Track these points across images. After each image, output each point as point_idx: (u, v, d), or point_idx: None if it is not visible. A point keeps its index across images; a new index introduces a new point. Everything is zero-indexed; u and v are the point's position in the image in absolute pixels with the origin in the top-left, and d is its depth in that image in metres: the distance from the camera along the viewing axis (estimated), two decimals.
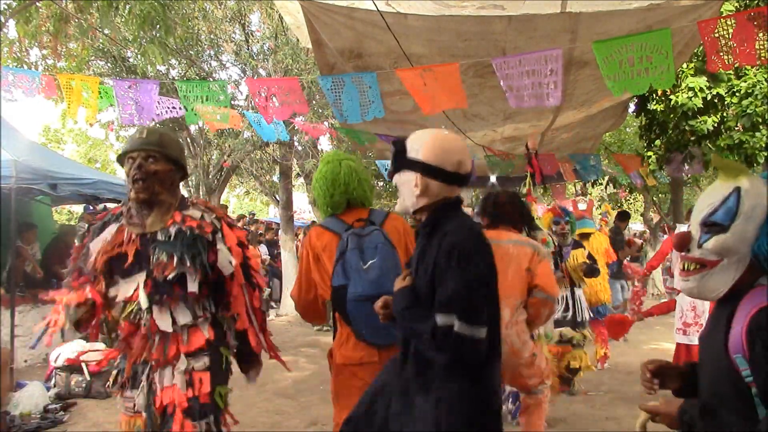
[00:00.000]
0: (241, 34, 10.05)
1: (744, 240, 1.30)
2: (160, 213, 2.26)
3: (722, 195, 1.34)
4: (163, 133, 2.33)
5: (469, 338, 1.61)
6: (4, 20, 6.04)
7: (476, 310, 1.65)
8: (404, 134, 1.93)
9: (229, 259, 2.26)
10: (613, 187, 13.45)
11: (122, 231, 2.24)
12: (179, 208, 2.29)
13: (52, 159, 7.01)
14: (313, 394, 5.31)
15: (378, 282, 2.26)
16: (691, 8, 3.78)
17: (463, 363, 1.67)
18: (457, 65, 3.74)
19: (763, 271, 1.31)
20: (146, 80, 5.26)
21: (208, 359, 2.23)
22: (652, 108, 9.17)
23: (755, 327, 1.21)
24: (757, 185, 1.32)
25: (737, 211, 1.30)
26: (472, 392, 1.69)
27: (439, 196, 1.80)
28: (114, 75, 8.73)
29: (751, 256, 1.30)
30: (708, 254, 1.34)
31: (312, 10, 3.92)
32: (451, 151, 1.80)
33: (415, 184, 1.79)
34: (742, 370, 1.23)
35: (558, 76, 3.48)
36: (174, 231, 2.22)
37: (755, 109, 8.23)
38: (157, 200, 2.25)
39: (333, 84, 3.96)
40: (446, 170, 1.78)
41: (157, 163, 2.24)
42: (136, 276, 2.20)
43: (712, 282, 1.34)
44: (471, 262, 1.66)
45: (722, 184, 1.37)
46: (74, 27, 6.82)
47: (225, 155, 10.19)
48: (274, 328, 9.54)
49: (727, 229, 1.31)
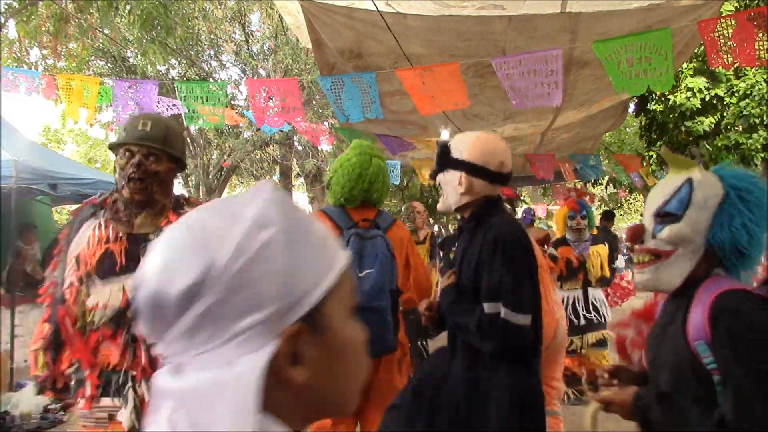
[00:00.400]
0: (241, 34, 10.06)
1: (697, 229, 1.31)
2: (151, 214, 2.05)
3: (675, 186, 1.35)
4: (169, 125, 2.07)
5: (515, 325, 1.69)
6: (4, 20, 6.04)
7: (521, 297, 1.72)
8: (404, 134, 1.97)
9: None
10: (613, 187, 13.46)
11: (107, 227, 2.01)
12: (174, 208, 2.09)
13: (52, 159, 7.00)
14: None
15: (370, 294, 2.20)
16: (691, 8, 3.78)
17: (511, 353, 1.73)
18: (457, 65, 3.74)
19: (716, 262, 1.32)
20: (146, 80, 5.26)
21: None
22: (652, 108, 9.18)
23: (718, 310, 1.21)
24: (708, 177, 1.34)
25: (690, 200, 1.32)
26: (521, 384, 1.72)
27: (481, 195, 1.90)
28: (114, 75, 8.74)
29: (706, 246, 1.31)
30: (662, 244, 1.34)
31: (312, 10, 3.92)
32: (495, 152, 1.91)
33: (459, 182, 1.88)
34: (703, 357, 1.23)
35: (558, 75, 3.49)
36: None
37: (752, 110, 8.24)
38: (152, 200, 2.04)
39: (333, 84, 3.97)
40: (490, 170, 1.88)
41: (160, 163, 2.01)
42: (122, 278, 1.96)
43: (666, 273, 1.34)
44: (515, 253, 1.75)
45: (674, 176, 1.38)
46: (74, 27, 6.82)
47: (225, 155, 10.20)
48: None
49: (681, 219, 1.32)
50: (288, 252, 0.55)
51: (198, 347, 0.53)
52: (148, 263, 0.55)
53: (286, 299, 0.54)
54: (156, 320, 0.54)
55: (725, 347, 1.19)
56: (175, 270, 0.53)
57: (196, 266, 0.52)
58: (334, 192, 2.47)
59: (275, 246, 0.54)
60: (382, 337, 2.25)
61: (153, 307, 0.53)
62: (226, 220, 0.55)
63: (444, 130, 6.32)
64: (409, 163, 8.44)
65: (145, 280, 0.54)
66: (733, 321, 1.19)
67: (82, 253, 1.98)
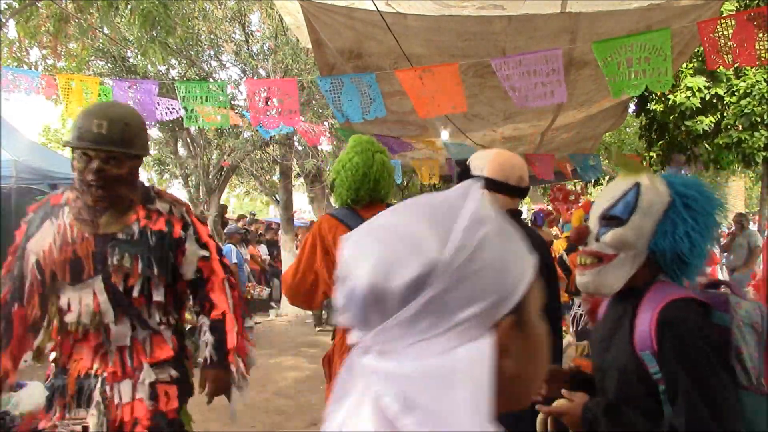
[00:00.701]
0: (241, 34, 10.06)
1: (641, 235, 1.30)
2: (118, 212, 1.88)
3: (622, 190, 1.35)
4: (128, 121, 1.85)
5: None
6: (4, 20, 6.04)
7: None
8: (404, 134, 2.00)
9: (199, 255, 1.96)
10: None
11: (71, 228, 1.87)
12: (143, 201, 1.93)
13: (52, 159, 7.01)
14: (313, 394, 5.31)
15: None
16: (691, 8, 3.77)
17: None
18: (456, 66, 3.74)
19: (659, 268, 1.31)
20: (146, 80, 5.27)
21: (173, 370, 1.92)
22: (652, 108, 9.17)
23: (664, 321, 1.20)
24: (656, 183, 1.34)
25: (636, 205, 1.31)
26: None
27: (502, 209, 1.98)
28: (114, 75, 8.74)
29: (648, 252, 1.30)
30: (605, 248, 1.34)
31: (312, 10, 3.92)
32: (513, 167, 2.01)
33: None
34: (650, 367, 1.22)
35: (560, 74, 3.49)
36: (137, 229, 1.87)
37: (753, 108, 8.23)
38: (116, 201, 1.87)
39: (332, 85, 3.96)
40: (510, 184, 1.98)
41: (121, 166, 1.83)
42: (89, 282, 1.84)
43: (608, 276, 1.33)
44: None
45: (623, 180, 1.38)
46: (74, 27, 6.82)
47: (225, 155, 10.20)
48: (274, 328, 9.56)
49: (625, 223, 1.31)
50: (501, 247, 0.59)
51: (416, 335, 0.56)
52: (352, 259, 0.59)
53: (500, 292, 0.58)
54: (370, 311, 0.57)
55: (672, 359, 1.18)
56: (395, 264, 0.56)
57: (419, 260, 0.56)
58: (339, 194, 2.40)
59: (491, 241, 0.58)
60: None
61: (368, 299, 0.57)
62: (444, 216, 0.59)
63: (444, 131, 6.32)
64: (409, 163, 8.44)
65: (353, 275, 0.58)
66: (679, 333, 1.18)
67: (46, 254, 1.86)
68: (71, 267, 1.85)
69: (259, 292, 8.84)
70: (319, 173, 10.89)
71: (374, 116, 4.00)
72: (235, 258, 7.89)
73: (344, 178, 2.35)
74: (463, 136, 6.71)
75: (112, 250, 1.84)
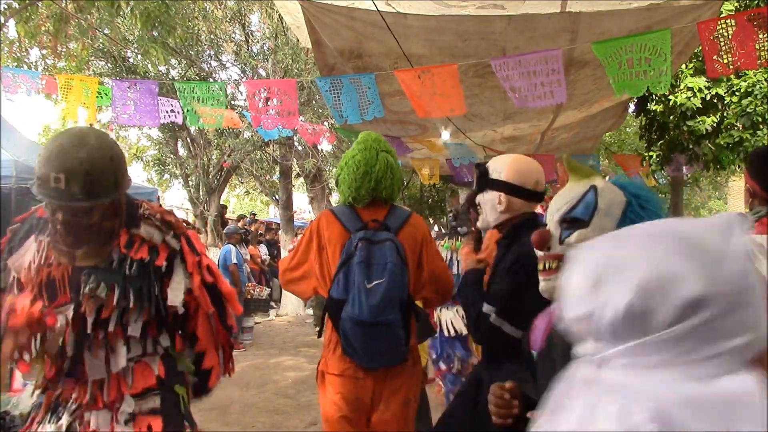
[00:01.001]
0: (241, 34, 10.06)
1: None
2: (96, 246, 1.70)
3: (579, 192, 1.37)
4: (89, 168, 1.58)
5: (502, 331, 1.89)
6: (4, 20, 6.04)
7: (516, 312, 1.87)
8: (404, 134, 2.02)
9: (183, 288, 1.77)
10: None
11: (49, 251, 1.72)
12: (127, 225, 1.74)
13: None
14: (313, 394, 5.31)
15: (378, 309, 2.08)
16: (691, 8, 3.77)
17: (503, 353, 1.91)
18: (455, 67, 3.74)
19: None
20: (146, 80, 5.27)
21: (159, 400, 1.75)
22: (652, 108, 9.17)
23: None
24: (609, 185, 1.37)
25: (596, 206, 1.33)
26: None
27: (519, 212, 2.06)
28: (114, 75, 8.74)
29: None
30: (570, 250, 1.34)
31: (312, 10, 3.92)
32: (530, 172, 2.07)
33: (499, 201, 2.05)
34: None
35: (560, 74, 3.49)
36: (116, 257, 1.70)
37: (755, 108, 8.23)
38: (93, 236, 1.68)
39: (331, 86, 3.96)
40: (527, 188, 2.05)
41: (90, 216, 1.63)
42: (61, 309, 1.69)
43: None
44: (525, 272, 1.80)
45: (576, 184, 1.39)
46: (74, 27, 6.82)
47: (225, 155, 10.21)
48: (274, 328, 9.56)
49: (588, 224, 1.32)
50: (763, 284, 0.60)
51: (677, 357, 0.56)
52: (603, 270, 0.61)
53: (759, 329, 0.58)
54: (628, 326, 0.58)
55: None
56: (672, 282, 0.56)
57: (701, 281, 0.56)
58: (342, 191, 2.37)
59: (757, 276, 0.60)
60: (393, 351, 2.16)
61: (630, 315, 0.57)
62: (718, 242, 0.60)
63: (444, 131, 6.32)
64: (409, 163, 8.44)
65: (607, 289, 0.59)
66: None
67: (25, 272, 1.72)
68: (47, 289, 1.71)
69: (259, 292, 8.84)
70: (319, 173, 10.89)
71: (372, 117, 4.00)
72: (234, 258, 7.89)
73: (346, 174, 2.33)
74: (463, 136, 6.71)
75: (86, 278, 1.68)
